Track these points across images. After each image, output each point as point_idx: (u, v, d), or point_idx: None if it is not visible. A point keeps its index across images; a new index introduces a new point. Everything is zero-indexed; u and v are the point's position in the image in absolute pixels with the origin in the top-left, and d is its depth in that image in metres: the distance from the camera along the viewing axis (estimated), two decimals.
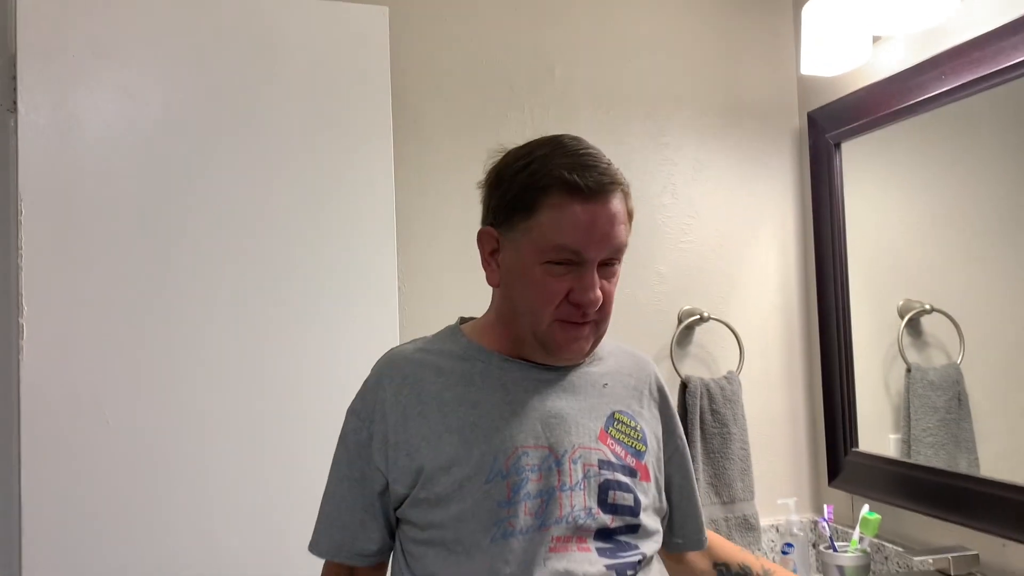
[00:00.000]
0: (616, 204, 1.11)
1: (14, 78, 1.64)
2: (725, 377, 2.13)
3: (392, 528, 1.19)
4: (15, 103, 1.64)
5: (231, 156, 1.73)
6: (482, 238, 1.19)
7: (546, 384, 1.17)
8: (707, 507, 2.04)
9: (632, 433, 1.21)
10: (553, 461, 1.12)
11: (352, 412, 1.19)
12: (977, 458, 1.74)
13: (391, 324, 1.80)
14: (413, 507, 1.13)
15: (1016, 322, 1.66)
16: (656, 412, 1.27)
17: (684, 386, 2.10)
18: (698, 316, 2.16)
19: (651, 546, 1.18)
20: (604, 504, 1.14)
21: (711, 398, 2.08)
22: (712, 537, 1.36)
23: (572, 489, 1.12)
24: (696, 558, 1.33)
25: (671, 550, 1.30)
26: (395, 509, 1.16)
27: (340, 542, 1.18)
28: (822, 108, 2.11)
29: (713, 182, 2.22)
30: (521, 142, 2.10)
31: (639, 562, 1.14)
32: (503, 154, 1.19)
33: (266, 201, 1.74)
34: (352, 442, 1.18)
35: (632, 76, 2.17)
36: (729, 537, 2.04)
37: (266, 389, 1.72)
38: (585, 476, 1.13)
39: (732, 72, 2.24)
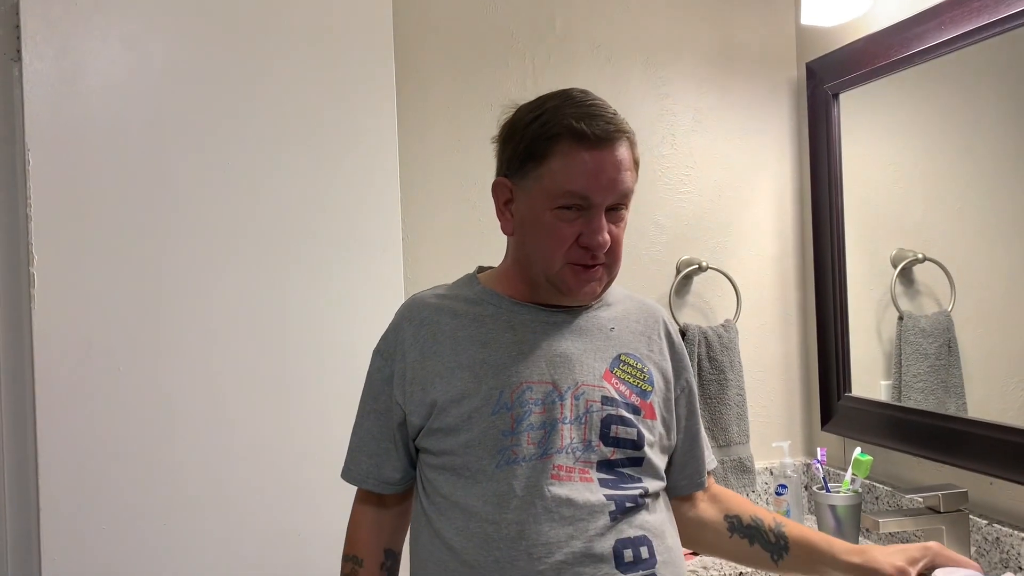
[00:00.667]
0: (622, 151, 1.18)
1: (17, 27, 1.63)
2: (722, 325, 2.17)
3: (412, 459, 1.28)
4: (19, 51, 1.64)
5: (235, 103, 1.73)
6: (496, 189, 1.25)
7: (554, 327, 1.24)
8: None
9: (638, 374, 1.26)
10: (556, 396, 1.19)
11: (377, 352, 1.29)
12: (965, 402, 1.79)
13: (395, 268, 1.82)
14: (428, 436, 1.22)
15: (1005, 271, 1.70)
16: (666, 355, 1.31)
17: (682, 334, 2.13)
18: (696, 266, 2.20)
19: (655, 483, 1.22)
20: (606, 437, 1.19)
21: (709, 346, 2.13)
22: (724, 491, 1.40)
23: (573, 422, 1.18)
24: (708, 509, 1.36)
25: (673, 493, 1.33)
26: (414, 440, 1.26)
27: (368, 470, 1.28)
28: (821, 58, 2.12)
29: (712, 132, 2.24)
30: (522, 92, 2.14)
31: (641, 495, 1.19)
32: (515, 109, 1.25)
33: (272, 147, 1.75)
34: (377, 379, 1.28)
35: (632, 25, 2.17)
36: (725, 479, 2.10)
37: (275, 334, 1.75)
38: (588, 411, 1.19)
39: (731, 22, 2.25)
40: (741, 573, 1.84)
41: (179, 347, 1.69)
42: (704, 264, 2.20)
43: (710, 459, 1.39)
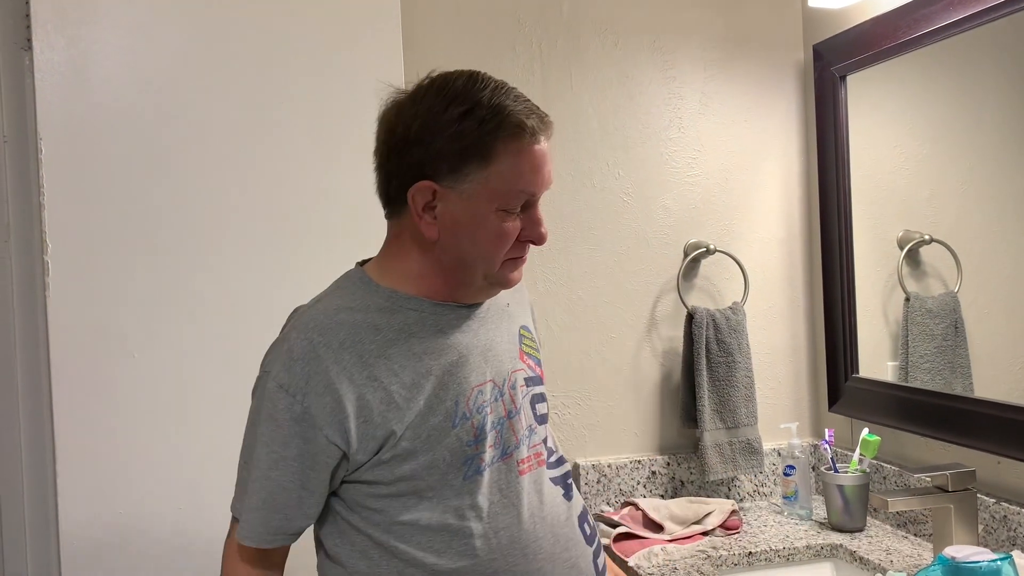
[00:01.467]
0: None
1: (27, 16, 1.64)
2: (730, 308, 2.18)
3: (324, 499, 1.14)
4: (29, 41, 1.64)
5: (245, 89, 1.74)
6: (416, 194, 1.10)
7: (471, 320, 1.19)
8: (712, 432, 2.11)
9: (533, 344, 1.28)
10: (498, 392, 1.16)
11: (279, 388, 1.09)
12: (972, 382, 1.80)
13: None
14: (376, 468, 1.10)
15: (1012, 252, 1.71)
16: (529, 310, 1.34)
17: (690, 317, 2.15)
18: (704, 249, 2.20)
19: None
20: (536, 417, 1.21)
21: (717, 328, 2.14)
22: None
23: (517, 413, 1.18)
24: None
25: None
26: (346, 477, 1.12)
27: (277, 527, 1.12)
28: (827, 40, 2.12)
29: (719, 116, 2.24)
30: (528, 77, 2.13)
31: (568, 469, 1.26)
32: (411, 103, 1.12)
33: (280, 133, 1.76)
34: (285, 419, 1.08)
35: (638, 9, 2.17)
36: (733, 460, 2.12)
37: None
38: (523, 396, 1.20)
39: (738, 4, 2.24)
40: (751, 552, 1.86)
41: (193, 333, 1.71)
42: (712, 247, 2.21)
43: None
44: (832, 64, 2.11)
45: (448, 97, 1.09)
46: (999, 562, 1.17)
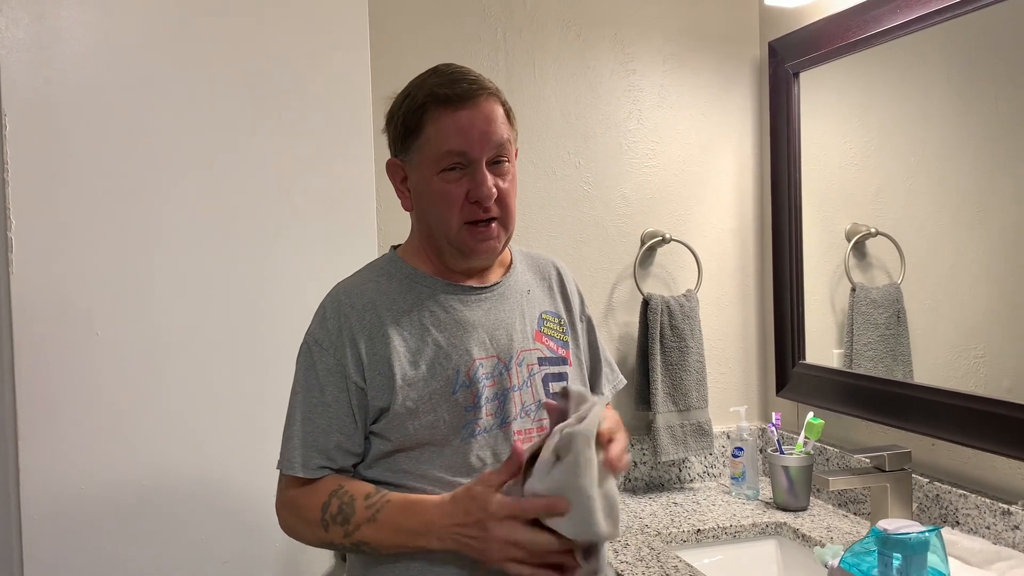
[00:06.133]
0: (489, 105, 1.26)
1: None
2: (684, 295, 2.25)
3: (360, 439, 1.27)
4: None
5: (212, 68, 1.75)
6: (390, 169, 1.33)
7: (482, 300, 1.32)
8: (664, 415, 2.18)
9: (558, 327, 1.38)
10: (503, 367, 1.28)
11: (316, 343, 1.27)
12: (912, 369, 1.88)
13: (370, 241, 1.87)
14: (389, 421, 1.23)
15: (952, 246, 1.78)
16: (565, 299, 1.43)
17: (646, 303, 2.21)
18: (660, 238, 2.27)
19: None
20: (549, 395, 1.30)
21: (671, 314, 2.20)
22: None
23: (520, 388, 1.29)
24: None
25: None
26: (372, 423, 1.26)
27: (337, 443, 1.24)
28: (782, 38, 2.19)
29: (676, 108, 2.30)
30: (494, 66, 2.18)
31: None
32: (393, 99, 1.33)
33: (249, 113, 1.77)
34: (322, 370, 1.25)
35: (601, 2, 2.22)
36: (684, 441, 2.19)
37: (251, 299, 1.78)
38: (530, 375, 1.30)
39: (697, 1, 2.30)
40: (699, 530, 1.93)
41: (156, 312, 1.71)
42: (667, 236, 2.27)
43: (618, 377, 1.51)
44: (786, 61, 2.17)
45: (404, 90, 1.30)
46: (927, 534, 1.24)
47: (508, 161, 1.28)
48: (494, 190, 1.24)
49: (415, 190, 1.29)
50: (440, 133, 1.23)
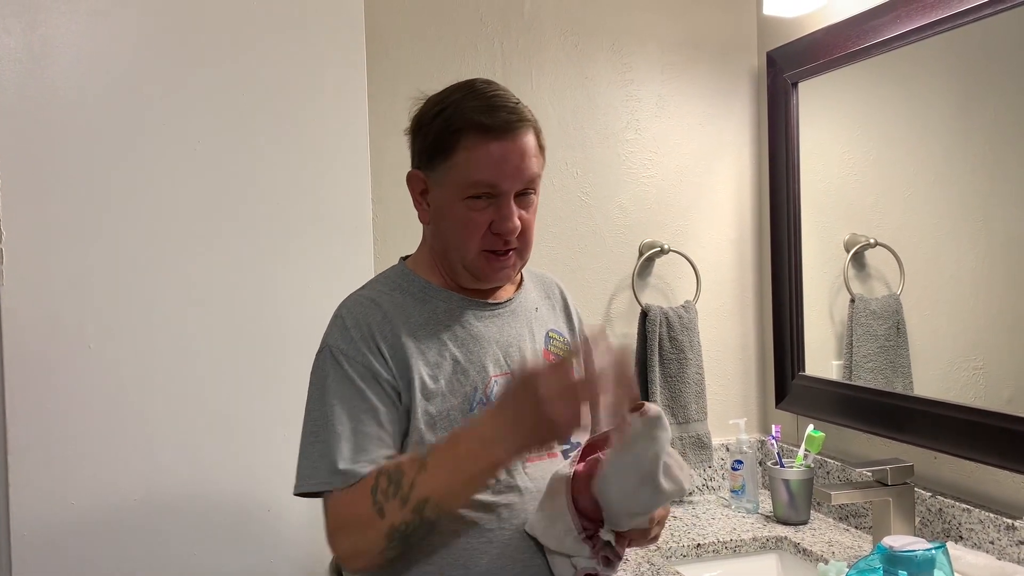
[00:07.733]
0: (526, 139, 1.23)
1: None
2: (683, 306, 2.23)
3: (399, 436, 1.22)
4: None
5: (207, 77, 1.73)
6: (411, 180, 1.30)
7: (496, 316, 1.32)
8: None
9: (563, 345, 1.38)
10: None
11: (342, 354, 1.21)
12: (912, 381, 1.87)
13: (366, 249, 1.85)
14: (409, 435, 1.21)
15: (952, 256, 1.77)
16: (565, 316, 1.44)
17: (644, 314, 2.20)
18: (658, 248, 2.25)
19: (584, 436, 1.32)
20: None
21: (669, 326, 2.19)
22: None
23: None
24: None
25: None
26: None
27: (380, 441, 1.18)
28: (781, 48, 2.18)
29: (675, 118, 2.29)
30: (491, 75, 2.16)
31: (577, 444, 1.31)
32: (423, 101, 1.29)
33: (242, 121, 1.75)
34: (355, 376, 1.20)
35: (599, 12, 2.21)
36: (683, 454, 2.17)
37: (245, 309, 1.76)
38: None
39: (695, 10, 2.29)
40: (699, 544, 1.91)
41: (148, 324, 1.69)
42: (666, 247, 2.25)
43: None
44: (785, 71, 2.16)
45: (437, 99, 1.26)
46: (933, 551, 1.22)
47: (535, 192, 1.26)
48: (519, 225, 1.23)
49: (436, 207, 1.27)
50: (472, 161, 1.20)
